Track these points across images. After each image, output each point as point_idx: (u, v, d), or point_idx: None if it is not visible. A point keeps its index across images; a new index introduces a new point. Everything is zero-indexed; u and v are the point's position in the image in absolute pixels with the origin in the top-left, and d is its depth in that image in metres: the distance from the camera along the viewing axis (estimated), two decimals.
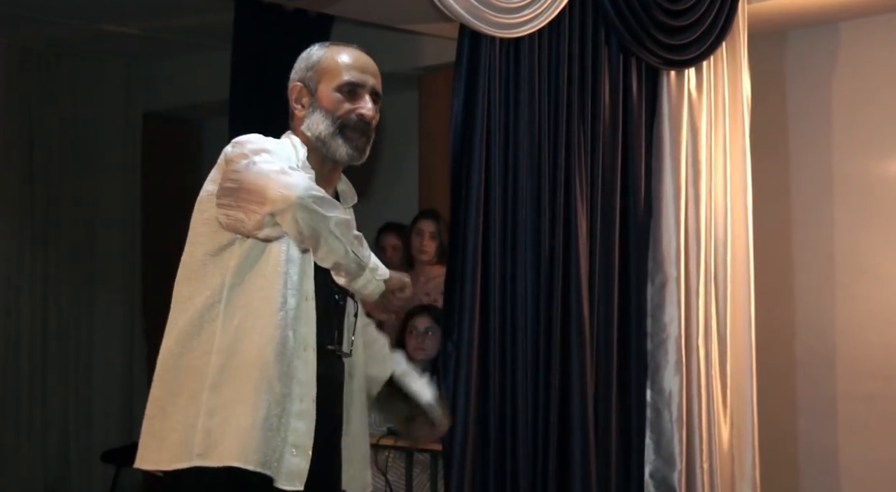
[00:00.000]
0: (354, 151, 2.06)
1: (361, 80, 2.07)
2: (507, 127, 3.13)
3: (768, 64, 4.36)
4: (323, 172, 2.07)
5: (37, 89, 5.44)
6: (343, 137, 2.04)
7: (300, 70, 2.10)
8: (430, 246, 4.11)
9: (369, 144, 2.09)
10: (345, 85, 2.05)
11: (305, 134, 2.06)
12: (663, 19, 3.50)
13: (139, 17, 4.89)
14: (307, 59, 2.10)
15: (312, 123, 2.05)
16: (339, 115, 2.04)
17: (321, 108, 2.05)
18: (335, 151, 2.04)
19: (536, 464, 3.15)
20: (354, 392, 2.12)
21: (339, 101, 2.05)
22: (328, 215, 1.84)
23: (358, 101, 2.06)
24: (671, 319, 3.53)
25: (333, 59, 2.08)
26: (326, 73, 2.06)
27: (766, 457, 3.81)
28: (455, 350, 2.99)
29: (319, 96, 2.06)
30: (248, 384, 1.90)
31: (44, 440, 5.37)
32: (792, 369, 4.39)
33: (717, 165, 3.74)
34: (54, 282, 5.48)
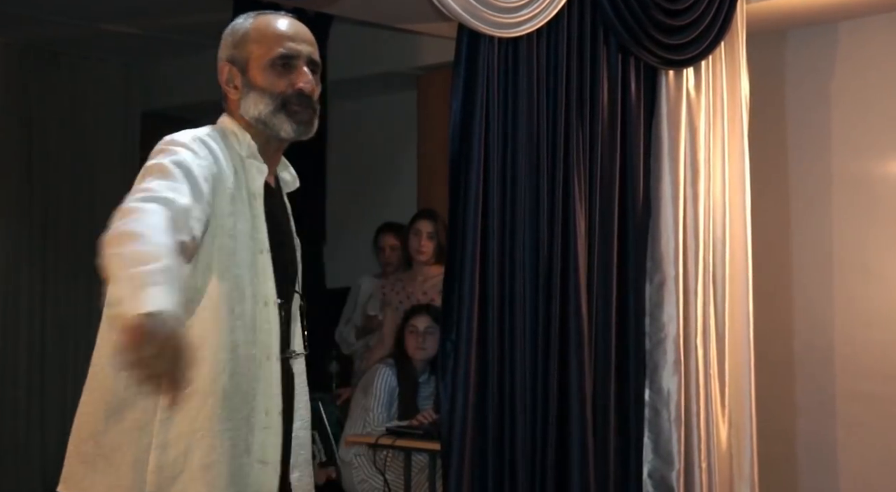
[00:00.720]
0: (300, 125, 1.86)
1: (295, 50, 1.86)
2: (506, 126, 3.13)
3: (767, 64, 4.35)
4: (266, 154, 1.88)
5: (35, 89, 5.44)
6: (285, 112, 1.85)
7: (226, 47, 1.89)
8: (428, 246, 4.11)
9: (315, 116, 1.89)
10: (278, 59, 1.85)
11: (244, 118, 1.87)
12: (662, 19, 3.50)
13: (138, 17, 4.89)
14: (232, 35, 1.90)
15: (249, 104, 1.86)
16: (277, 93, 1.84)
17: (256, 87, 1.85)
18: (279, 129, 1.85)
19: (535, 463, 3.15)
20: (298, 385, 1.97)
21: (274, 78, 1.85)
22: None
23: (294, 75, 1.85)
24: (669, 319, 3.53)
25: (261, 31, 1.87)
26: (256, 48, 1.86)
27: (764, 456, 3.82)
28: (453, 350, 2.99)
29: (252, 76, 1.86)
30: (205, 416, 1.73)
31: (42, 439, 5.38)
32: (790, 368, 4.39)
33: (716, 164, 3.74)
34: (52, 281, 5.48)
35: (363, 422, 3.76)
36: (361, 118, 5.54)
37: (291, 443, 1.94)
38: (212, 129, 1.86)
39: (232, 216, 1.77)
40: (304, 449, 1.99)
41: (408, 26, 4.13)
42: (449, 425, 2.96)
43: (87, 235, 5.61)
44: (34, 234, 5.41)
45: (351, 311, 4.80)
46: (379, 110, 5.60)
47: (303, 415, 1.99)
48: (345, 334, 4.80)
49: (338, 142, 5.29)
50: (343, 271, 5.24)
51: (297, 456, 1.96)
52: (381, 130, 5.65)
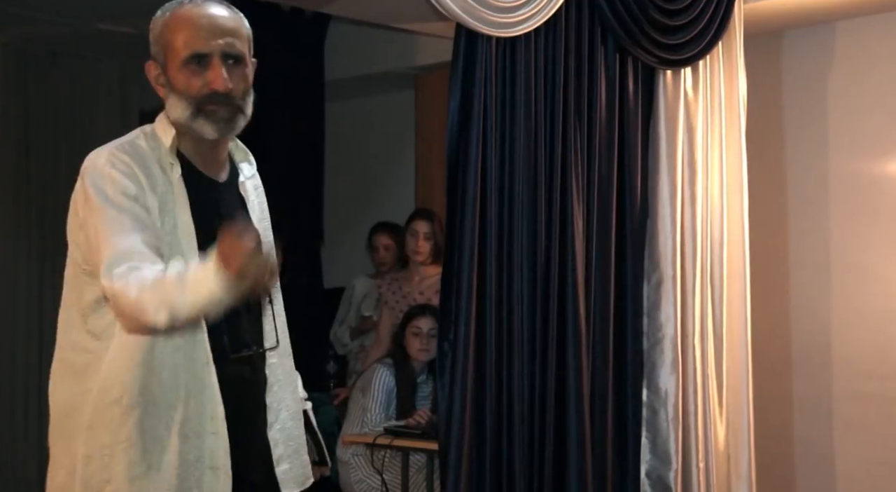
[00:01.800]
0: (220, 124, 1.78)
1: (205, 48, 1.77)
2: (504, 126, 3.13)
3: (764, 63, 4.36)
4: (201, 150, 1.84)
5: (32, 88, 5.43)
6: (203, 114, 1.77)
7: (152, 44, 1.84)
8: (425, 247, 4.10)
9: (240, 112, 1.80)
10: (190, 59, 1.77)
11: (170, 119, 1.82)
12: (659, 18, 3.50)
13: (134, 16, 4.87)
14: (153, 31, 1.84)
15: (170, 108, 1.81)
16: (192, 95, 1.77)
17: (174, 89, 1.79)
18: (201, 132, 1.78)
19: (532, 464, 3.15)
20: (281, 379, 1.93)
21: (188, 79, 1.77)
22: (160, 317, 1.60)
23: (208, 72, 1.76)
24: (667, 319, 3.53)
25: (171, 28, 1.80)
26: (170, 49, 1.79)
27: (762, 456, 3.82)
28: (451, 350, 2.99)
29: (170, 76, 1.80)
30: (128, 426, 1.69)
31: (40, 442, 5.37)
32: (788, 368, 4.39)
33: (713, 164, 3.74)
34: (50, 281, 5.46)
35: (361, 422, 3.76)
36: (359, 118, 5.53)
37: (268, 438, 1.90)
38: (140, 132, 1.84)
39: (163, 215, 1.75)
40: (292, 440, 1.94)
41: (405, 26, 4.12)
42: (447, 424, 2.96)
43: None
44: (31, 232, 5.40)
45: (345, 311, 4.79)
46: (377, 110, 5.59)
47: (289, 405, 1.94)
48: (339, 335, 4.79)
49: (335, 142, 5.28)
50: (341, 272, 5.24)
51: (284, 448, 1.92)
52: (378, 129, 5.65)
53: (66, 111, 5.57)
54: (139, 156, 1.78)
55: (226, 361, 1.80)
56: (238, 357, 1.83)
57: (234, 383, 1.81)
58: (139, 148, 1.80)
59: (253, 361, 1.87)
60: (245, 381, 1.86)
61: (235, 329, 1.82)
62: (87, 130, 5.65)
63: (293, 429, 1.95)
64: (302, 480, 1.97)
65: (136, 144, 1.81)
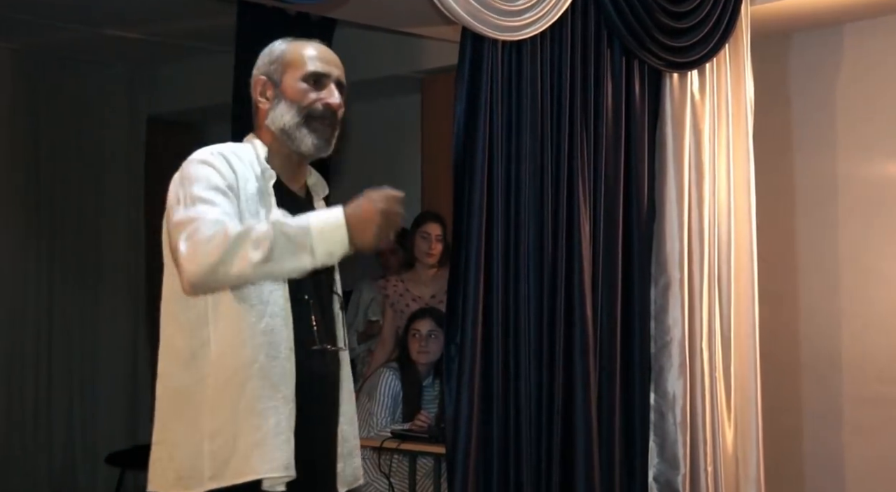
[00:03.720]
0: (321, 141, 2.01)
1: (326, 70, 2.03)
2: (510, 130, 3.13)
3: (772, 66, 4.35)
4: (289, 168, 2.04)
5: (42, 94, 5.46)
6: (308, 127, 2.00)
7: (263, 64, 2.07)
8: (437, 249, 4.10)
9: (335, 135, 2.04)
10: (310, 75, 2.01)
11: (270, 128, 2.02)
12: (666, 21, 3.50)
13: (142, 22, 4.90)
14: (270, 54, 2.07)
15: (277, 114, 2.01)
16: (304, 105, 2.00)
17: (286, 99, 2.01)
18: (300, 143, 2.00)
19: (540, 467, 3.14)
20: (343, 383, 2.12)
21: (304, 91, 2.01)
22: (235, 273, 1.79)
23: (323, 91, 2.02)
24: (675, 322, 3.52)
25: (297, 51, 2.05)
26: (291, 64, 2.03)
27: (771, 460, 3.80)
28: (458, 354, 2.98)
29: (284, 88, 2.02)
30: (250, 398, 1.88)
31: (49, 443, 5.38)
32: (797, 371, 4.38)
33: (721, 167, 3.73)
34: (59, 286, 5.49)
35: (367, 426, 3.76)
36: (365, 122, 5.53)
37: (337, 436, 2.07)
38: (233, 143, 2.03)
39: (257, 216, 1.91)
40: (347, 442, 2.11)
41: (411, 30, 4.13)
42: (454, 428, 2.95)
43: (93, 239, 5.63)
44: (41, 237, 5.43)
45: (352, 316, 4.80)
46: (383, 114, 5.60)
47: (346, 410, 2.11)
48: None
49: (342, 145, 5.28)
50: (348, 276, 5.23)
51: (341, 448, 2.10)
52: (384, 133, 5.65)
53: (76, 116, 5.60)
54: (237, 157, 1.96)
55: (307, 351, 1.97)
56: (319, 349, 2.00)
57: (314, 373, 1.99)
58: (238, 150, 1.99)
59: (328, 359, 2.05)
60: (324, 375, 2.04)
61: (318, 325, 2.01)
62: (96, 134, 5.68)
63: (348, 432, 2.12)
64: (351, 480, 2.13)
65: (234, 147, 2.00)
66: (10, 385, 5.26)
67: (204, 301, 1.90)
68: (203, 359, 1.90)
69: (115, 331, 5.68)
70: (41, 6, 4.59)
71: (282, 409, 1.89)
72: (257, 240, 1.77)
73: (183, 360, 1.93)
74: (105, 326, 5.66)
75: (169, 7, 4.61)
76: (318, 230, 1.81)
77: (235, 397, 1.88)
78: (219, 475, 1.87)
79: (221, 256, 1.77)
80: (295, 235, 1.80)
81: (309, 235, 1.80)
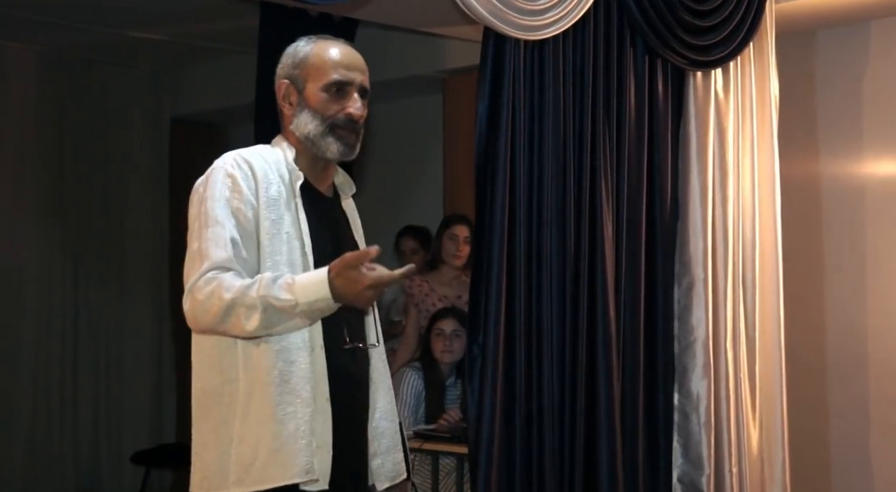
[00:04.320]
0: (345, 147, 2.05)
1: (349, 78, 2.04)
2: (532, 129, 3.12)
3: (797, 64, 4.31)
4: (315, 170, 2.08)
5: (67, 95, 5.51)
6: (333, 135, 2.03)
7: (287, 67, 2.08)
8: (465, 250, 4.10)
9: (359, 140, 2.08)
10: (332, 84, 2.03)
11: (294, 134, 2.06)
12: (689, 20, 3.48)
13: (166, 24, 4.93)
14: (293, 56, 2.08)
15: (300, 122, 2.04)
16: (327, 116, 2.03)
17: (309, 107, 2.04)
18: (325, 150, 2.04)
19: (563, 467, 3.14)
20: (377, 380, 2.14)
21: (326, 101, 2.03)
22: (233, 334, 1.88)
23: (346, 100, 2.04)
24: (698, 322, 3.50)
25: (320, 56, 2.05)
26: (313, 71, 2.04)
27: (796, 460, 3.77)
28: (480, 353, 2.98)
29: (307, 95, 2.04)
30: (269, 404, 1.90)
31: (75, 442, 5.43)
32: (822, 371, 4.34)
33: (745, 165, 3.71)
34: (84, 285, 5.54)
35: None
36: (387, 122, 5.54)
37: (367, 432, 2.10)
38: (261, 146, 2.07)
39: (277, 222, 1.96)
40: (385, 438, 2.15)
41: (433, 30, 4.13)
42: (476, 428, 2.95)
43: (118, 239, 5.68)
44: (67, 238, 5.47)
45: None
46: (405, 114, 5.60)
47: (382, 406, 2.14)
48: None
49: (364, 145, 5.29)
50: None
51: (378, 444, 2.13)
52: (406, 133, 5.66)
53: (100, 117, 5.64)
54: (263, 160, 2.00)
55: (338, 350, 2.00)
56: (350, 347, 2.03)
57: (341, 373, 2.01)
58: (263, 153, 2.03)
59: (358, 356, 2.07)
60: (352, 374, 2.05)
61: (347, 323, 2.04)
62: (119, 135, 5.73)
63: (386, 428, 2.15)
64: (393, 475, 2.16)
65: (260, 151, 2.04)
66: (37, 386, 5.31)
67: None
68: (230, 362, 1.93)
69: (140, 331, 5.72)
70: (66, 9, 4.63)
71: (301, 412, 1.90)
72: (249, 310, 1.84)
73: (210, 361, 1.96)
74: (130, 327, 5.70)
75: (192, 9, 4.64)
76: (305, 304, 1.85)
77: (260, 402, 1.90)
78: (242, 481, 1.90)
79: (217, 321, 1.85)
80: (282, 307, 1.85)
81: (297, 307, 1.85)
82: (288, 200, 1.98)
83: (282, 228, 1.96)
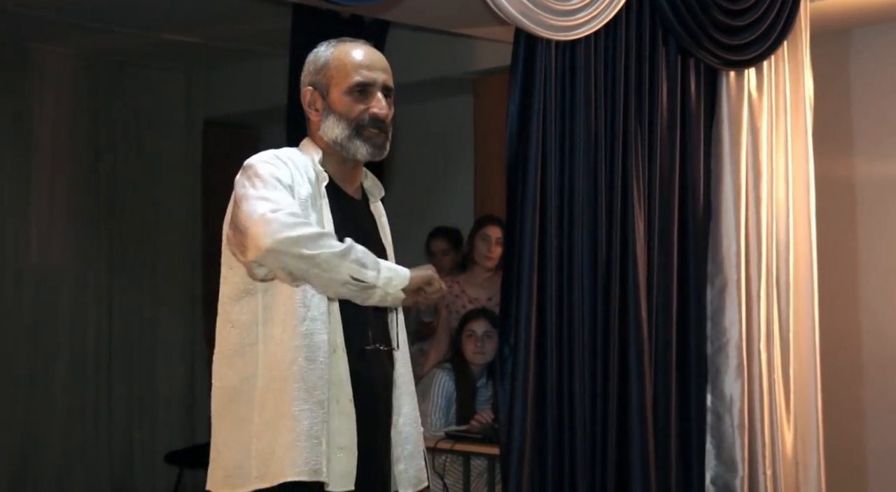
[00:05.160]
0: (374, 148, 2.06)
1: (371, 78, 2.06)
2: (563, 130, 3.11)
3: (832, 62, 4.27)
4: (344, 172, 2.10)
5: (101, 97, 5.57)
6: (361, 137, 2.05)
7: (310, 73, 2.10)
8: (497, 252, 4.09)
9: (388, 140, 2.09)
10: (355, 86, 2.04)
11: (323, 139, 2.07)
12: (722, 19, 3.45)
13: (199, 26, 4.97)
14: (315, 62, 2.10)
15: (328, 128, 2.06)
16: (353, 118, 2.04)
17: (334, 112, 2.05)
18: (355, 152, 2.06)
19: (595, 469, 3.12)
20: (402, 385, 2.14)
21: (351, 104, 2.04)
22: (311, 254, 1.84)
23: (370, 101, 2.05)
24: (731, 323, 3.48)
25: (341, 60, 2.07)
26: (335, 75, 2.06)
27: (832, 463, 3.73)
28: (512, 354, 2.98)
29: (332, 100, 2.06)
30: (286, 399, 1.90)
31: (109, 442, 5.49)
32: (858, 372, 4.29)
33: (779, 166, 3.67)
34: (118, 287, 5.59)
35: None
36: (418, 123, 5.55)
37: (391, 435, 2.10)
38: (289, 149, 2.08)
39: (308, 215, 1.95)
40: (409, 443, 2.14)
41: (464, 31, 4.13)
42: (508, 429, 2.95)
43: (151, 240, 5.73)
44: (101, 238, 5.53)
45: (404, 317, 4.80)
46: (436, 115, 5.61)
47: (406, 412, 2.15)
48: None
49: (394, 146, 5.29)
50: None
51: (401, 449, 2.13)
52: (437, 134, 5.66)
53: (134, 119, 5.70)
54: (292, 162, 2.01)
55: (361, 352, 2.01)
56: (372, 349, 2.04)
57: (363, 374, 2.01)
58: (292, 155, 2.04)
59: (382, 359, 2.08)
60: (375, 376, 2.06)
61: (370, 325, 2.05)
62: (154, 137, 5.78)
63: (410, 433, 2.15)
64: (415, 482, 2.16)
65: (289, 152, 2.05)
66: (72, 386, 5.37)
67: (256, 302, 1.96)
68: (250, 358, 1.94)
69: (173, 331, 5.77)
70: (100, 11, 4.69)
71: (316, 412, 1.91)
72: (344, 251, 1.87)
73: (229, 359, 1.97)
74: (163, 327, 5.75)
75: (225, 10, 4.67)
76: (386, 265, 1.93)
77: (277, 397, 1.91)
78: (263, 475, 1.91)
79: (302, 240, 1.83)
80: (366, 253, 1.91)
81: (378, 263, 1.92)
82: (315, 201, 2.00)
83: None
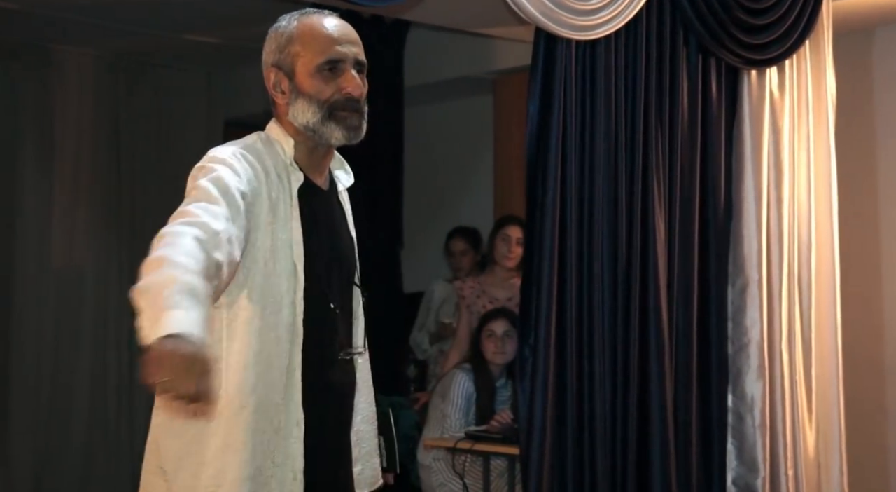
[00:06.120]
0: (349, 131, 1.83)
1: (342, 54, 1.82)
2: (584, 130, 3.11)
3: (855, 61, 4.24)
4: (314, 160, 1.87)
5: (123, 98, 5.60)
6: (334, 120, 1.82)
7: (272, 52, 1.86)
8: (517, 252, 4.09)
9: (364, 120, 1.86)
10: (325, 64, 1.81)
11: (293, 124, 1.84)
12: (744, 18, 3.44)
13: (220, 26, 5.00)
14: (277, 39, 1.86)
15: (297, 111, 1.83)
16: (324, 100, 1.81)
17: (303, 94, 1.82)
18: (329, 137, 1.82)
19: (615, 469, 3.12)
20: (361, 385, 1.97)
21: (321, 84, 1.81)
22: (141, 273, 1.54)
23: (341, 79, 1.82)
24: (753, 323, 3.46)
25: (307, 35, 1.83)
26: (302, 53, 1.82)
27: (854, 464, 3.71)
28: (532, 354, 2.98)
29: (299, 81, 1.82)
30: (237, 428, 1.73)
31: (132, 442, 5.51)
32: (881, 373, 4.26)
33: (801, 165, 3.65)
34: None
35: (441, 428, 3.77)
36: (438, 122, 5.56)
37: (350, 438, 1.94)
38: (256, 137, 1.87)
39: (271, 226, 1.76)
40: (365, 442, 1.99)
41: (484, 30, 4.13)
42: (528, 429, 2.95)
43: None
44: (122, 239, 5.57)
45: (424, 317, 4.82)
46: (455, 114, 5.61)
47: (363, 409, 1.98)
48: (419, 341, 4.82)
49: (414, 146, 5.32)
50: (420, 276, 5.26)
51: (359, 450, 1.97)
52: (457, 134, 5.67)
53: (155, 119, 5.73)
54: (261, 160, 1.80)
55: (333, 363, 1.85)
56: (343, 359, 1.87)
57: (335, 386, 1.87)
58: (260, 153, 1.82)
59: (346, 366, 1.91)
60: (344, 384, 1.91)
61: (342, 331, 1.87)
62: (174, 137, 5.81)
63: (366, 432, 2.00)
64: (371, 481, 2.02)
65: (257, 148, 1.84)
66: (94, 386, 5.40)
67: (222, 317, 1.74)
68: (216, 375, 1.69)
69: None
70: (122, 12, 4.72)
71: (274, 441, 1.75)
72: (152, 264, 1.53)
73: None
74: None
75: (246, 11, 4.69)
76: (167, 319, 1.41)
77: (231, 424, 1.72)
78: None
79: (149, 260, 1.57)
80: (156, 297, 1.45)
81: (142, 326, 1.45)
82: (278, 208, 1.78)
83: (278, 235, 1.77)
